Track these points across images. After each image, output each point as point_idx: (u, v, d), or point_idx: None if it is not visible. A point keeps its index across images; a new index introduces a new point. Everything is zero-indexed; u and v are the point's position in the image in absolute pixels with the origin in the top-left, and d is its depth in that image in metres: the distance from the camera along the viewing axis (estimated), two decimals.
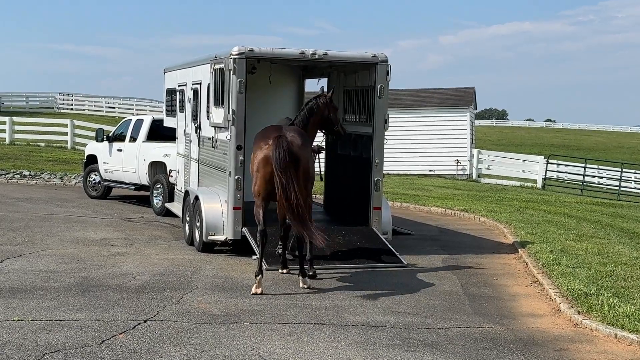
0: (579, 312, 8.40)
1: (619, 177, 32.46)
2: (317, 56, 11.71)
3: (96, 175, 18.58)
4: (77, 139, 31.48)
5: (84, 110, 51.77)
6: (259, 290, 9.02)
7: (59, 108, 52.03)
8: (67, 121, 32.66)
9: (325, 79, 14.31)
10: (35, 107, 51.87)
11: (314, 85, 15.33)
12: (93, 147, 18.88)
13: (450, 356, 6.92)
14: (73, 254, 11.21)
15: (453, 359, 6.83)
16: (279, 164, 9.01)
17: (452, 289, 9.83)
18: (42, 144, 31.40)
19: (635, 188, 33.76)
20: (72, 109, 51.86)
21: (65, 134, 31.92)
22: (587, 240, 13.23)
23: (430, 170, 29.79)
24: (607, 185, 34.92)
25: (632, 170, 36.30)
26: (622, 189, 31.75)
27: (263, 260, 10.69)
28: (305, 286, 9.38)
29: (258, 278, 9.08)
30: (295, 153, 9.22)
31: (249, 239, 11.14)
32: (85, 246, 11.94)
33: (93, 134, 22.77)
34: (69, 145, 31.33)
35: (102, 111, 51.67)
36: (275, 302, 8.69)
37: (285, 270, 10.29)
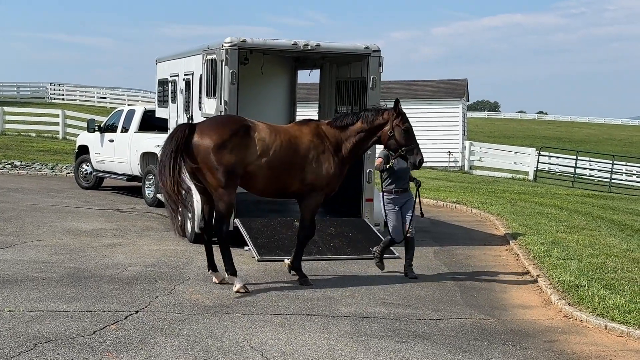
0: (569, 304, 8.44)
1: (610, 170, 32.57)
2: (309, 47, 11.70)
3: (88, 166, 18.53)
4: (69, 129, 31.38)
5: (75, 100, 51.56)
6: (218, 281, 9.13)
7: (50, 98, 51.80)
8: (59, 111, 32.54)
9: (318, 70, 14.30)
10: (26, 97, 51.62)
11: (306, 76, 15.37)
12: (84, 138, 18.83)
13: (441, 347, 6.95)
14: (64, 245, 11.19)
15: (444, 350, 6.86)
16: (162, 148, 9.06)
17: (443, 280, 9.87)
18: (33, 134, 31.29)
19: (626, 180, 33.88)
20: (63, 99, 51.64)
21: (57, 124, 31.80)
22: (578, 232, 13.28)
23: None
24: (598, 177, 35.04)
25: (623, 163, 36.42)
26: (613, 181, 31.86)
27: (255, 250, 10.72)
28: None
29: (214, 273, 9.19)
30: (188, 139, 8.80)
31: (241, 230, 11.14)
32: (76, 237, 11.91)
33: (84, 124, 22.71)
34: (60, 135, 31.23)
35: (94, 101, 51.47)
36: (266, 293, 8.70)
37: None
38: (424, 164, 9.40)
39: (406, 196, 10.01)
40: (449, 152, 31.12)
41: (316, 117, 14.30)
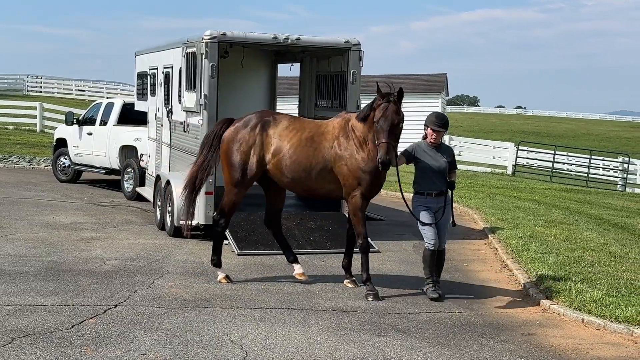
0: (547, 297, 8.51)
1: (587, 164, 32.82)
2: (289, 41, 11.68)
3: (66, 159, 18.40)
4: (47, 122, 31.09)
5: (53, 93, 51.11)
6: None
7: (28, 90, 51.29)
8: (36, 104, 32.22)
9: (298, 64, 14.28)
10: (3, 90, 51.05)
11: (287, 70, 15.36)
12: (63, 131, 18.68)
13: (420, 340, 6.98)
14: (42, 238, 11.10)
15: (423, 343, 6.89)
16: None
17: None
18: (11, 127, 30.96)
19: (603, 175, 34.15)
20: (41, 92, 51.17)
21: (34, 116, 31.50)
22: (555, 226, 13.39)
23: None
24: (576, 172, 35.30)
25: (601, 157, 36.69)
26: (590, 175, 32.12)
27: (234, 244, 10.70)
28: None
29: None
30: (219, 134, 9.05)
31: None
32: (54, 230, 11.83)
33: (62, 117, 22.52)
34: (38, 128, 30.94)
35: (72, 94, 51.03)
36: (246, 287, 8.69)
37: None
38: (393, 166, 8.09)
39: (441, 201, 8.50)
40: None
41: (296, 112, 14.30)
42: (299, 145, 8.63)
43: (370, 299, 8.31)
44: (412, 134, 31.00)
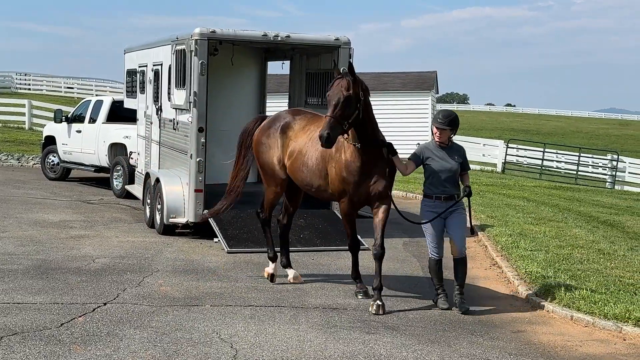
0: (536, 295, 8.54)
1: (576, 162, 32.94)
2: (279, 38, 11.66)
3: (55, 157, 18.32)
4: (35, 120, 30.97)
5: (42, 90, 50.83)
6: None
7: (16, 88, 51.00)
8: (25, 101, 32.10)
9: (288, 62, 14.26)
10: None
11: (277, 68, 15.31)
12: (51, 128, 18.61)
13: (410, 338, 6.99)
14: (31, 236, 11.06)
15: (413, 341, 6.90)
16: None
17: (412, 272, 9.93)
18: None
19: (592, 172, 34.30)
20: (29, 89, 50.88)
21: (23, 114, 31.37)
22: (545, 224, 13.43)
23: None
24: (565, 169, 35.44)
25: (590, 155, 36.85)
26: (579, 173, 32.25)
27: (224, 242, 10.68)
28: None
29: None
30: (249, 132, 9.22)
31: (210, 221, 11.09)
32: (43, 228, 11.78)
33: (51, 115, 22.42)
34: (26, 125, 30.81)
35: (61, 91, 50.78)
36: (236, 285, 8.68)
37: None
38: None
39: (453, 206, 7.96)
40: (419, 144, 31.18)
41: (286, 109, 14.27)
42: (308, 146, 8.34)
43: (360, 297, 8.27)
44: (402, 132, 31.13)
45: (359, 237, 10.95)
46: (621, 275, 9.40)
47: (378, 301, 7.82)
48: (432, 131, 8.19)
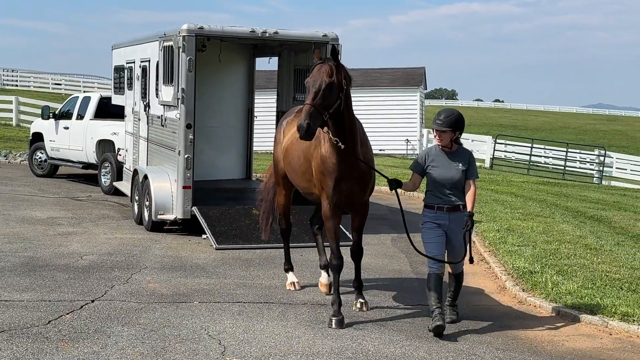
0: (523, 290, 8.58)
1: (564, 157, 33.08)
2: (267, 35, 11.65)
3: (42, 153, 18.25)
4: (22, 116, 30.80)
5: (29, 86, 50.58)
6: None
7: (3, 84, 50.70)
8: (12, 98, 31.89)
9: (276, 58, 14.25)
10: None
11: (265, 64, 15.31)
12: (39, 125, 18.54)
13: (398, 333, 7.01)
14: (18, 234, 11.01)
15: (401, 336, 6.92)
16: None
17: (400, 267, 9.95)
18: None
19: (580, 168, 34.45)
20: (16, 85, 50.61)
21: (10, 110, 31.18)
22: (532, 219, 13.49)
23: (380, 150, 29.99)
24: (552, 164, 35.59)
25: (577, 150, 37.00)
26: (567, 168, 32.38)
27: (213, 238, 10.67)
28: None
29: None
30: None
31: (199, 217, 11.09)
32: (31, 225, 11.74)
33: (39, 111, 22.34)
34: (13, 122, 30.63)
35: (48, 88, 50.53)
36: (224, 282, 8.68)
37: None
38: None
39: (456, 217, 7.05)
40: (407, 139, 31.31)
41: (274, 105, 14.27)
42: (293, 143, 7.82)
43: (332, 325, 7.03)
44: (391, 128, 31.14)
45: (346, 232, 10.90)
46: (607, 270, 9.45)
47: (361, 298, 7.72)
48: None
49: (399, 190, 7.17)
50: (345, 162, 7.05)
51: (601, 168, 31.54)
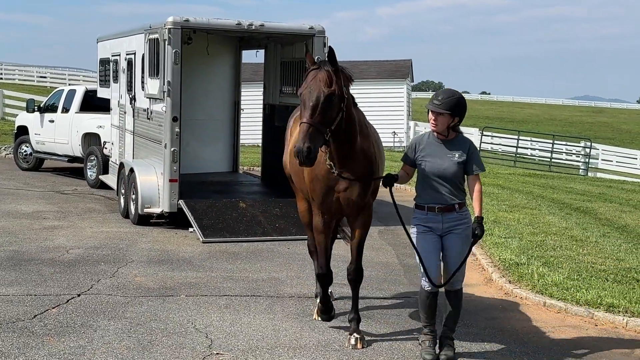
0: (509, 281, 8.62)
1: (550, 149, 33.22)
2: (253, 27, 11.62)
3: (27, 147, 18.15)
4: (7, 110, 30.62)
5: (14, 79, 50.22)
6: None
7: None
8: None
9: (263, 50, 14.22)
10: None
11: (251, 57, 15.28)
12: (24, 118, 18.44)
13: (385, 326, 7.02)
14: (3, 227, 10.95)
15: (388, 329, 6.94)
16: None
17: (388, 260, 9.97)
18: None
19: (566, 160, 34.60)
20: (1, 78, 50.24)
21: None
22: (519, 211, 13.53)
23: None
24: (539, 156, 35.73)
25: (563, 142, 37.16)
26: (553, 160, 32.52)
27: (199, 232, 10.64)
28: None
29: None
30: None
31: (185, 211, 11.06)
32: (16, 219, 11.67)
33: (23, 104, 22.18)
34: None
35: (33, 81, 50.21)
36: (211, 275, 8.67)
37: None
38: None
39: (451, 219, 5.90)
40: (394, 132, 31.33)
41: (261, 98, 14.24)
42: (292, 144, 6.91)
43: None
44: (377, 121, 31.02)
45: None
46: (593, 262, 9.50)
47: (355, 333, 6.36)
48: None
49: (393, 188, 6.16)
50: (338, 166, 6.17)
51: (587, 160, 31.69)
